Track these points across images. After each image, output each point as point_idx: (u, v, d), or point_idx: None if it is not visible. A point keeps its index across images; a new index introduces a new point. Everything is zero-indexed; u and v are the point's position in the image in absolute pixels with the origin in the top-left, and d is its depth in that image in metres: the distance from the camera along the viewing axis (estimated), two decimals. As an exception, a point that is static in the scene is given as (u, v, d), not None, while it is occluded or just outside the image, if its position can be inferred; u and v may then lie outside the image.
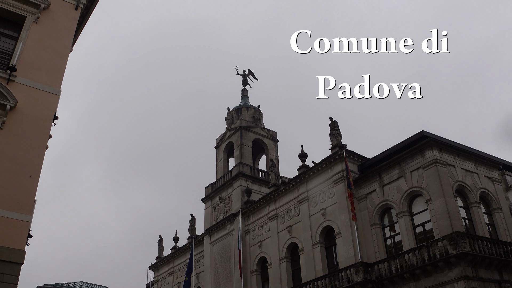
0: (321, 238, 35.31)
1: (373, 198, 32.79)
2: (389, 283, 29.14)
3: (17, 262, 16.45)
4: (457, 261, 25.83)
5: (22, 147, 17.60)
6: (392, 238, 31.65)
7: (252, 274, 40.77)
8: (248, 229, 42.37)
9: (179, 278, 52.33)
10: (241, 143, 46.82)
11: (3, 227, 16.38)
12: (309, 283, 33.33)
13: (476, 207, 30.01)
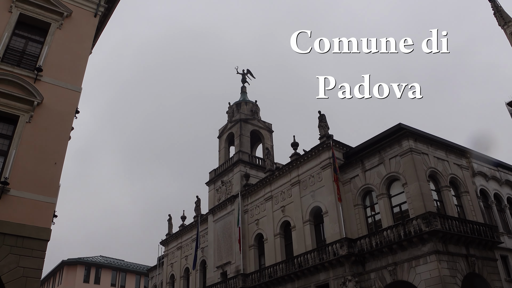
0: (311, 217, 35.37)
1: (356, 182, 32.77)
2: (370, 256, 29.23)
3: (44, 239, 16.45)
4: (429, 238, 25.91)
5: (48, 138, 17.56)
6: (373, 217, 31.68)
7: (250, 248, 40.83)
8: (247, 209, 42.38)
9: (186, 252, 52.42)
10: (240, 134, 46.75)
11: (32, 208, 16.38)
12: (300, 256, 33.42)
13: (446, 190, 30.05)
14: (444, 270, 25.39)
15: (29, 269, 15.74)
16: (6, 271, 15.33)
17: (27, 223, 16.04)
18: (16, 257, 15.58)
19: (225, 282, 40.35)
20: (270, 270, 36.01)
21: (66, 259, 70.98)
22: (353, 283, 29.11)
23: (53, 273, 75.19)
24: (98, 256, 78.47)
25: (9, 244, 15.59)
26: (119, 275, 73.62)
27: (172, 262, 55.11)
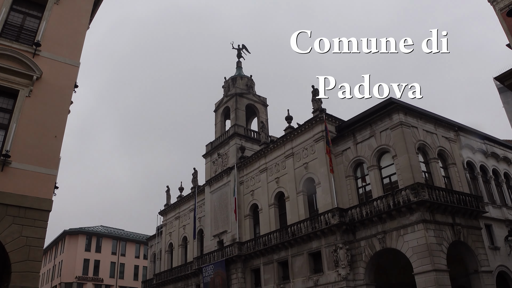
0: (304, 188, 35.60)
1: (348, 154, 32.88)
2: (360, 225, 29.56)
3: (46, 210, 16.54)
4: (417, 207, 26.18)
5: (48, 112, 17.47)
6: (364, 188, 31.91)
7: (245, 218, 41.20)
8: (242, 180, 42.58)
9: (184, 221, 52.87)
10: (236, 108, 46.62)
11: (33, 180, 16.42)
12: (293, 225, 33.77)
13: (434, 162, 30.22)
14: (431, 238, 25.74)
15: (32, 238, 15.87)
16: (10, 240, 15.45)
17: (29, 194, 16.09)
18: (19, 227, 15.68)
19: (221, 250, 40.82)
20: (265, 239, 36.40)
21: (68, 229, 71.60)
22: (344, 250, 29.52)
23: (55, 243, 75.85)
24: (99, 226, 79.11)
25: (12, 214, 15.67)
26: (119, 244, 74.37)
27: (170, 232, 55.62)
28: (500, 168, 35.81)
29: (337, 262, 29.62)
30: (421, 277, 25.34)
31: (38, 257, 15.98)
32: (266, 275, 36.03)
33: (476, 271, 28.25)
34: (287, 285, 33.55)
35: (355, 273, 29.32)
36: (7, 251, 15.38)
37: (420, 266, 25.52)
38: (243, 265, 38.71)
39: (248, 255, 38.02)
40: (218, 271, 39.96)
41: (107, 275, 71.30)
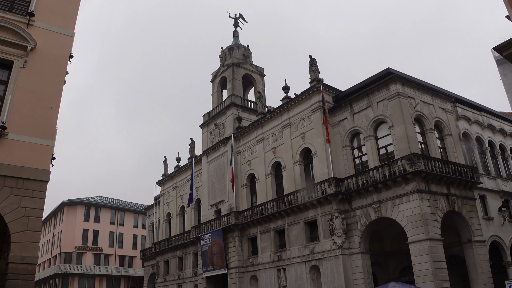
0: (301, 158, 35.73)
1: (344, 124, 32.88)
2: (356, 194, 29.81)
3: (43, 180, 16.60)
4: (413, 177, 26.37)
5: (43, 82, 17.32)
6: (360, 158, 32.05)
7: (242, 187, 41.47)
8: (239, 150, 42.67)
9: (181, 191, 53.21)
10: (233, 78, 46.30)
11: (30, 151, 16.41)
12: (290, 194, 34.05)
13: (431, 133, 30.27)
14: (425, 207, 26.03)
15: (30, 209, 15.98)
16: (8, 211, 15.55)
17: (26, 165, 16.11)
18: (17, 198, 15.76)
19: (219, 219, 41.23)
20: (262, 208, 36.74)
21: (67, 199, 71.96)
22: (340, 219, 29.87)
23: (54, 213, 76.42)
24: (97, 196, 79.55)
25: (10, 185, 15.73)
26: (118, 214, 75.00)
27: (168, 201, 56.04)
28: (495, 140, 35.94)
29: (333, 231, 30.00)
30: (415, 245, 25.74)
31: (37, 227, 16.12)
32: (263, 243, 36.53)
33: (470, 241, 28.71)
34: (283, 253, 34.06)
35: (350, 241, 29.75)
36: (6, 221, 15.50)
37: (414, 235, 25.89)
38: (240, 234, 39.18)
39: (245, 224, 38.43)
40: (215, 239, 40.47)
41: (106, 245, 72.15)
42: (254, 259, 37.12)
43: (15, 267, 15.33)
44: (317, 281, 31.10)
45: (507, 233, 31.64)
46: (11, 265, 15.36)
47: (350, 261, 29.49)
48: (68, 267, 66.82)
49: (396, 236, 31.62)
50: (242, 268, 38.23)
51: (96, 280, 69.04)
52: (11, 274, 15.25)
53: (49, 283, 72.64)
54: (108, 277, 70.37)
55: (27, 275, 15.50)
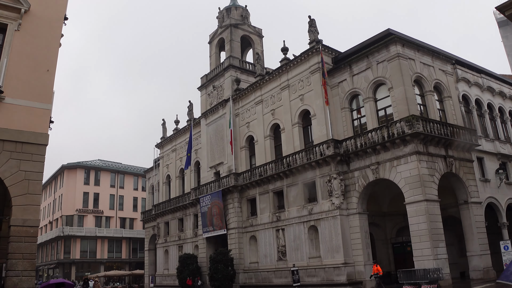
0: (299, 119, 35.74)
1: (344, 86, 32.72)
2: (355, 156, 29.99)
3: (42, 144, 16.73)
4: (411, 139, 26.47)
5: (38, 45, 17.16)
6: (359, 120, 32.06)
7: (241, 150, 41.65)
8: (238, 113, 42.61)
9: (180, 154, 53.43)
10: (230, 39, 45.70)
11: (28, 115, 16.44)
12: (289, 156, 34.24)
13: (430, 95, 30.17)
14: (423, 169, 26.25)
15: (30, 172, 16.14)
16: (8, 175, 15.70)
17: (25, 129, 16.19)
18: (17, 161, 15.89)
19: (218, 181, 41.60)
20: (261, 170, 37.02)
21: (66, 163, 72.30)
22: (338, 180, 30.16)
23: (55, 177, 76.94)
24: (97, 160, 79.89)
25: (9, 149, 15.82)
26: (118, 177, 75.53)
27: (167, 164, 56.36)
28: (495, 103, 35.89)
29: (331, 192, 30.35)
30: (412, 206, 26.11)
31: (38, 191, 16.33)
32: (262, 204, 37.00)
33: (466, 202, 29.12)
34: (282, 214, 34.55)
35: (348, 202, 30.15)
36: (7, 185, 15.67)
37: (411, 196, 26.21)
38: (239, 195, 39.62)
39: (244, 186, 38.81)
40: (215, 201, 40.95)
41: (107, 207, 73.00)
42: (253, 220, 37.68)
43: (17, 230, 15.61)
44: (315, 241, 31.67)
45: (503, 195, 32.06)
46: (13, 228, 15.63)
47: (347, 221, 29.95)
48: (70, 230, 67.83)
49: (393, 197, 32.03)
50: (241, 228, 38.86)
51: (98, 242, 70.21)
52: (14, 237, 15.54)
53: (51, 245, 73.92)
54: (110, 238, 71.51)
55: (29, 237, 15.80)
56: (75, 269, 67.17)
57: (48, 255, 76.22)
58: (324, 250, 30.54)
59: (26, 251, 15.66)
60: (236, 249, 38.38)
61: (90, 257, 69.52)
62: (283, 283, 33.22)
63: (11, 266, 15.44)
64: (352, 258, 29.30)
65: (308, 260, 31.69)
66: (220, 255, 37.29)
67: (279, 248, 34.70)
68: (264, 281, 35.55)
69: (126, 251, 73.46)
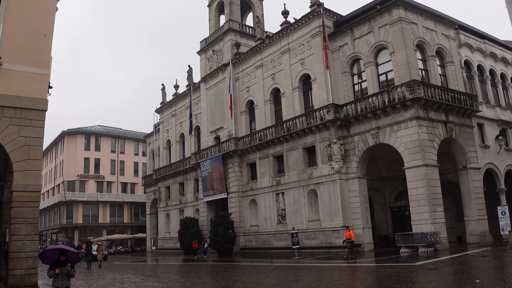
0: (300, 84, 35.57)
1: (345, 50, 32.40)
2: (355, 121, 30.01)
3: (42, 109, 16.71)
4: (412, 104, 26.41)
5: (35, 10, 16.88)
6: (360, 84, 31.91)
7: (241, 114, 41.62)
8: (238, 77, 42.37)
9: (180, 119, 53.43)
10: (230, 2, 44.88)
11: (26, 81, 16.35)
12: (289, 120, 34.26)
13: (432, 60, 29.90)
14: (423, 134, 26.31)
15: (31, 138, 16.19)
16: (9, 141, 15.76)
17: (23, 95, 16.13)
18: (17, 127, 15.92)
19: (218, 145, 41.76)
20: (261, 134, 37.11)
21: (66, 129, 72.28)
22: (338, 145, 30.29)
23: (55, 143, 77.09)
24: (97, 125, 79.82)
25: (8, 115, 15.83)
26: (118, 142, 75.63)
27: (167, 129, 56.43)
28: (497, 69, 35.61)
29: (331, 156, 30.51)
30: (412, 171, 26.29)
31: (38, 156, 16.42)
32: (262, 168, 37.26)
33: (465, 167, 29.31)
34: (282, 178, 34.84)
35: (347, 166, 30.35)
36: (7, 151, 15.75)
37: (411, 161, 26.35)
38: (239, 160, 39.86)
39: (245, 150, 38.99)
40: (215, 165, 41.23)
41: (108, 172, 73.40)
42: (253, 184, 38.03)
43: (19, 195, 15.79)
44: (314, 205, 32.06)
45: (502, 161, 32.24)
46: (15, 194, 15.80)
47: (347, 185, 30.24)
48: (72, 195, 68.44)
49: (392, 162, 32.23)
50: (241, 192, 39.27)
51: (99, 207, 70.98)
52: (16, 202, 15.73)
53: (54, 211, 74.77)
54: (111, 203, 72.25)
55: (31, 202, 15.99)
56: (78, 233, 68.18)
57: (51, 220, 77.23)
58: (323, 213, 30.95)
59: (29, 216, 15.88)
60: (236, 213, 38.91)
61: (92, 221, 70.42)
62: (283, 245, 33.83)
63: (14, 230, 15.69)
64: (350, 222, 29.71)
65: (308, 223, 32.17)
66: (220, 219, 37.84)
67: (279, 211, 35.16)
68: (264, 243, 36.19)
69: (128, 215, 74.37)
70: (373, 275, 16.86)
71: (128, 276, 22.34)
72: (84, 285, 18.32)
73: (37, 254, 15.31)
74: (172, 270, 26.16)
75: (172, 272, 24.62)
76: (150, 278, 21.12)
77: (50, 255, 10.42)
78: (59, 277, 10.10)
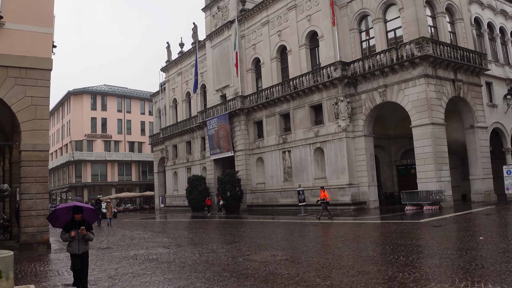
0: (306, 41, 35.10)
1: (353, 6, 31.72)
2: (362, 78, 29.75)
3: (46, 69, 16.73)
4: (420, 62, 26.06)
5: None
6: (367, 41, 31.43)
7: (247, 72, 41.33)
8: (244, 34, 41.81)
9: (186, 77, 53.15)
10: (235, -44, 43.82)
11: (30, 40, 16.28)
12: (295, 78, 34.02)
13: (441, 17, 29.25)
14: (431, 92, 26.08)
15: (37, 98, 16.28)
16: (15, 101, 15.84)
17: (28, 55, 16.11)
18: (23, 87, 15.97)
19: (224, 104, 41.71)
20: (267, 92, 36.96)
21: (72, 89, 72.19)
22: (345, 103, 30.15)
23: (61, 103, 77.20)
24: (103, 85, 79.57)
25: (13, 76, 15.85)
26: (124, 102, 75.58)
27: (173, 88, 56.26)
28: (507, 27, 34.87)
29: (338, 114, 30.44)
30: (418, 129, 26.24)
31: (45, 115, 16.54)
32: (269, 126, 37.32)
33: (472, 126, 29.20)
34: (288, 136, 34.94)
35: (354, 125, 30.33)
36: (14, 111, 15.86)
37: (418, 119, 26.26)
38: (246, 118, 39.89)
39: (251, 108, 38.95)
40: (222, 124, 41.32)
41: (115, 132, 73.72)
42: (260, 142, 38.20)
43: (28, 155, 16.02)
44: (320, 162, 32.26)
45: (510, 121, 32.06)
46: (24, 153, 16.02)
47: (353, 143, 30.30)
48: (80, 155, 69.10)
49: (399, 121, 32.14)
50: (248, 150, 39.51)
51: (108, 166, 71.69)
52: (25, 162, 15.98)
53: (63, 170, 75.74)
54: (119, 162, 72.95)
55: (40, 161, 16.24)
56: (87, 192, 69.22)
57: (60, 179, 78.34)
58: (329, 171, 31.18)
59: (38, 175, 16.16)
60: (243, 171, 39.28)
61: (101, 180, 71.36)
62: (289, 202, 34.28)
63: (24, 189, 16.01)
64: (356, 179, 29.97)
65: (314, 181, 32.46)
66: (227, 176, 38.26)
67: (285, 169, 35.45)
68: (271, 200, 36.69)
69: (136, 174, 75.23)
70: (378, 231, 17.14)
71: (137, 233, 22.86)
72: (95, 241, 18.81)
73: (48, 212, 15.66)
74: (180, 227, 26.70)
75: (181, 229, 25.13)
76: (159, 234, 21.60)
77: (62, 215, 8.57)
78: (74, 241, 8.25)
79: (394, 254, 10.85)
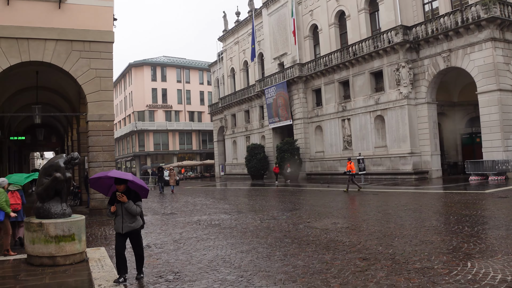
0: (366, 5, 34.22)
1: (415, -34, 30.54)
2: (425, 43, 28.77)
3: (109, 41, 17.46)
4: (487, 24, 24.83)
5: None
6: (430, 4, 30.24)
7: (305, 39, 40.93)
8: (300, 0, 41.21)
9: (243, 46, 53.32)
10: None
11: (92, 14, 17.05)
12: (355, 44, 33.39)
13: (512, -28, 27.60)
14: (498, 57, 24.85)
15: (101, 70, 17.11)
16: (80, 74, 16.74)
17: (90, 28, 16.89)
18: (87, 60, 16.82)
19: (282, 72, 41.67)
20: (325, 59, 36.55)
21: (133, 61, 74.36)
22: (407, 69, 29.36)
23: (123, 75, 79.81)
24: (162, 56, 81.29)
25: (78, 49, 16.71)
26: (183, 72, 76.98)
27: (231, 57, 56.67)
28: None
29: (399, 81, 29.74)
30: (485, 96, 25.21)
31: (110, 87, 17.39)
32: (327, 94, 37.04)
33: (543, 92, 27.64)
34: (348, 103, 34.57)
35: (416, 91, 29.55)
36: (80, 84, 16.79)
37: (484, 85, 25.19)
38: (304, 86, 39.73)
39: (309, 76, 38.72)
40: (280, 92, 41.40)
41: (175, 102, 75.58)
42: (319, 110, 38.05)
43: (94, 125, 16.98)
44: (381, 131, 31.81)
45: None
46: (91, 123, 17.00)
47: (415, 111, 29.61)
48: (142, 125, 71.64)
49: (464, 87, 30.94)
50: (307, 119, 39.49)
51: (169, 135, 73.93)
52: (92, 131, 16.96)
53: (127, 140, 79.01)
54: (180, 131, 74.99)
55: (106, 131, 17.18)
56: (150, 161, 71.93)
57: (124, 148, 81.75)
58: (390, 139, 30.73)
59: (105, 144, 17.13)
60: (302, 139, 39.41)
61: (163, 149, 73.80)
62: (348, 172, 34.13)
63: (92, 158, 17.04)
64: (418, 148, 29.39)
65: (374, 149, 32.14)
66: (286, 145, 38.55)
67: (345, 137, 35.24)
68: (330, 169, 36.72)
69: (196, 143, 77.12)
70: (441, 201, 16.89)
71: (199, 199, 23.71)
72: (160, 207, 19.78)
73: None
74: (240, 194, 27.39)
75: (241, 196, 25.79)
76: (220, 201, 22.32)
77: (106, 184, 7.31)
78: (118, 217, 6.77)
79: (459, 224, 10.76)
